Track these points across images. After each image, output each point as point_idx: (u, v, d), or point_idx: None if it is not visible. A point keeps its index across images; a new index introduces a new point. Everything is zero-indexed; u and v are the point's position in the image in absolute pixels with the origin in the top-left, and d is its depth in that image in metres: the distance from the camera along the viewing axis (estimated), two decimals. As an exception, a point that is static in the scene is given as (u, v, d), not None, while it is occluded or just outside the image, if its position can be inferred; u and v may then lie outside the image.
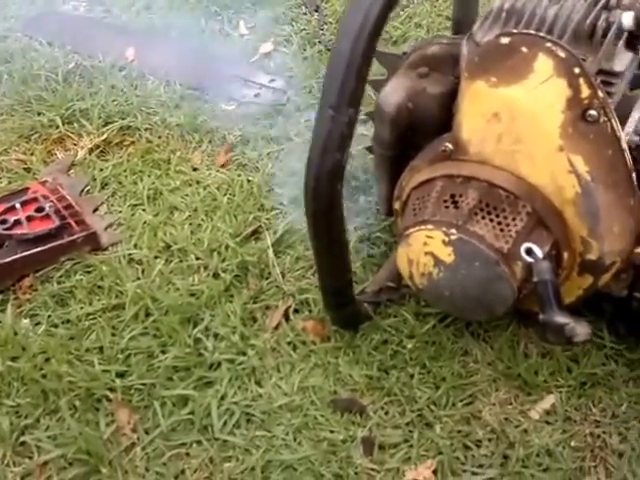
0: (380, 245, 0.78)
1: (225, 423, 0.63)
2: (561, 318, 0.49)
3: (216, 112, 0.96)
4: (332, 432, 0.62)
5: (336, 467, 0.60)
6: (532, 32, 0.50)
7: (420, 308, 0.70)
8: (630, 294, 0.60)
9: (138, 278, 0.76)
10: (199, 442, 0.63)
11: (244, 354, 0.69)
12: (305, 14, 1.15)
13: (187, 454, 0.62)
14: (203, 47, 1.07)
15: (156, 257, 0.78)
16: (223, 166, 0.90)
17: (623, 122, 0.55)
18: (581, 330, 0.48)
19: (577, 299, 0.61)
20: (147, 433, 0.63)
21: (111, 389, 0.66)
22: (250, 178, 0.87)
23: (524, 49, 0.50)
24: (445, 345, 0.67)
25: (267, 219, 0.82)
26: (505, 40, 0.51)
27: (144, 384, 0.66)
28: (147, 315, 0.72)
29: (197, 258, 0.78)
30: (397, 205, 0.68)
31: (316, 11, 1.19)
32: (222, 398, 0.65)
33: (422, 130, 0.64)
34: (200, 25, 1.11)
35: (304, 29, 1.12)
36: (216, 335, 0.70)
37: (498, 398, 0.63)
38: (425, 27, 1.10)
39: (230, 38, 1.10)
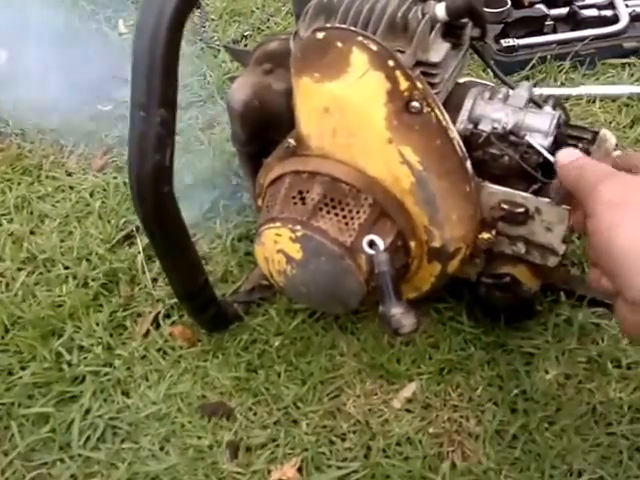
0: (259, 243, 0.77)
1: (88, 438, 0.61)
2: (394, 309, 0.50)
3: (93, 114, 0.92)
4: (199, 438, 0.60)
5: (202, 474, 0.59)
6: (344, 26, 0.50)
7: (291, 304, 0.69)
8: (478, 279, 0.61)
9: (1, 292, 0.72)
10: (61, 460, 0.60)
11: (110, 365, 0.66)
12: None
13: (49, 474, 0.60)
14: (80, 48, 1.01)
15: (20, 269, 0.74)
16: (100, 169, 0.87)
17: (458, 111, 0.56)
18: (406, 321, 0.48)
19: (432, 286, 0.62)
20: (5, 455, 0.60)
21: (-36, 413, 0.63)
22: (127, 180, 0.83)
23: (339, 44, 0.49)
24: (313, 340, 0.66)
25: (142, 222, 0.79)
26: (320, 35, 0.50)
27: (2, 404, 0.63)
28: (6, 331, 0.68)
29: (65, 267, 0.75)
30: (260, 202, 0.67)
31: (198, 8, 1.15)
32: (86, 412, 0.63)
33: (275, 126, 0.63)
34: (76, 25, 1.06)
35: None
36: (81, 347, 0.68)
37: (363, 389, 0.63)
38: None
39: (108, 37, 1.06)
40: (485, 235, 0.59)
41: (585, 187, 0.40)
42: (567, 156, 0.43)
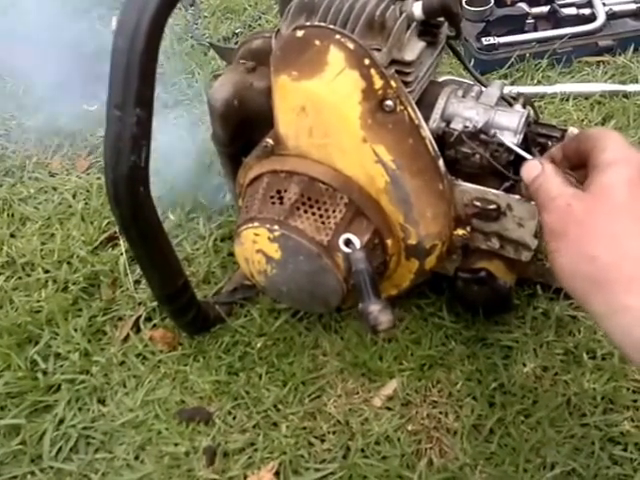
0: (241, 243, 0.77)
1: (60, 449, 0.60)
2: (372, 306, 0.50)
3: (79, 113, 0.91)
4: (176, 445, 0.59)
5: (176, 482, 0.58)
6: (322, 24, 0.50)
7: (274, 304, 0.69)
8: (455, 274, 0.62)
9: (-24, 300, 0.70)
10: (32, 473, 0.58)
11: (87, 372, 0.65)
12: (180, 9, 1.11)
13: (19, 488, 0.58)
14: (70, 46, 0.97)
15: (-3, 274, 0.73)
16: (84, 170, 0.85)
17: (431, 109, 0.57)
18: (384, 318, 0.48)
19: (411, 283, 0.62)
20: (-26, 469, 0.59)
21: None
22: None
23: (317, 42, 0.50)
24: (296, 340, 0.66)
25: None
26: (300, 33, 0.50)
27: (-27, 417, 0.62)
28: (-20, 340, 0.67)
29: (45, 271, 0.73)
30: (240, 202, 0.66)
31: (191, 5, 1.16)
32: (60, 422, 0.61)
33: (256, 125, 0.62)
34: (68, 23, 1.04)
35: (177, 24, 1.09)
36: (57, 354, 0.66)
37: (345, 389, 0.63)
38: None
39: (100, 35, 1.04)
40: (460, 231, 0.60)
41: (539, 207, 0.43)
42: (529, 172, 0.45)
